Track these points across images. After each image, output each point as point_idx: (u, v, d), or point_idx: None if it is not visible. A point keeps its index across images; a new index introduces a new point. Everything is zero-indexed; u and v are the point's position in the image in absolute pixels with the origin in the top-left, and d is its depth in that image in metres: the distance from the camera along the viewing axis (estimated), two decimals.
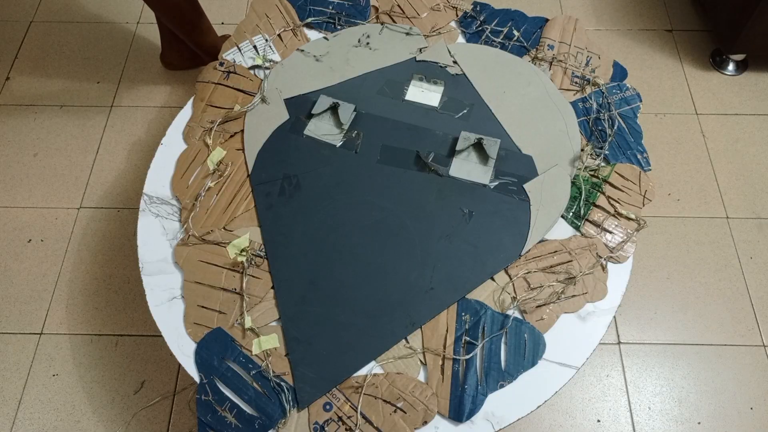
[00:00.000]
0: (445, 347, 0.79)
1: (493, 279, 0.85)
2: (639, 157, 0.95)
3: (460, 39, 1.09)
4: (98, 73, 1.53)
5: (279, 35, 1.08)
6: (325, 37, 1.08)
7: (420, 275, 0.84)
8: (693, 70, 1.53)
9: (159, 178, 0.94)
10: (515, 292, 0.83)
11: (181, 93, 1.49)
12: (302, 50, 1.06)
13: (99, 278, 1.22)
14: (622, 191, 0.92)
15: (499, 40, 1.08)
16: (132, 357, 1.13)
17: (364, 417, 0.75)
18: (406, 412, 0.75)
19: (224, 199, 0.91)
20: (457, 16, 1.11)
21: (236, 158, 0.95)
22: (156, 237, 0.89)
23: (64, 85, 1.50)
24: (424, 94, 1.02)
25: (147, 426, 1.07)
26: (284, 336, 0.81)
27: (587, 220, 0.89)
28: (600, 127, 0.98)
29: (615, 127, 0.97)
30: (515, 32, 1.09)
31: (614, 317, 0.85)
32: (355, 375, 0.78)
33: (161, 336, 0.81)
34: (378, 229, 0.88)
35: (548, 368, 0.79)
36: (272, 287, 0.84)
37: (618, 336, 1.16)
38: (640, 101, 1.01)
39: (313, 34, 1.10)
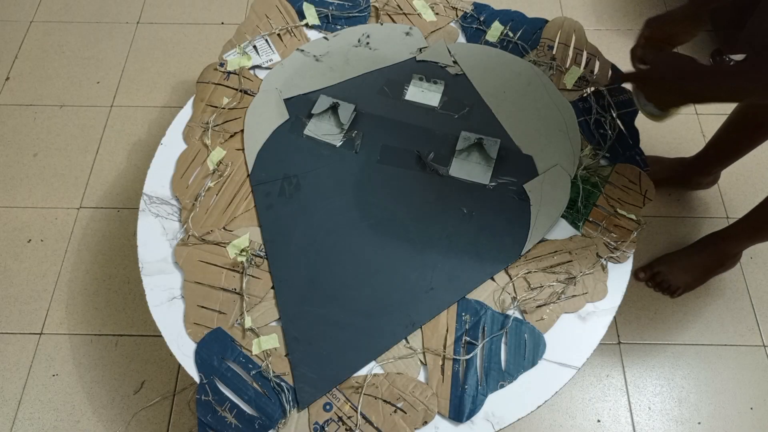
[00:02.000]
0: (445, 347, 0.79)
1: (493, 279, 0.85)
2: (638, 158, 0.95)
3: (461, 39, 1.09)
4: (98, 73, 1.52)
5: (279, 35, 1.08)
6: (325, 37, 1.08)
7: (420, 275, 0.84)
8: None
9: (159, 178, 0.94)
10: (515, 292, 0.83)
11: (181, 93, 1.49)
12: (302, 50, 1.06)
13: (99, 278, 1.22)
14: (622, 191, 0.92)
15: (498, 38, 1.08)
16: (132, 357, 1.13)
17: (364, 417, 0.75)
18: (406, 413, 0.75)
19: (224, 199, 0.91)
20: (457, 16, 1.11)
21: (236, 158, 0.95)
22: (156, 237, 0.89)
23: (64, 85, 1.50)
24: (424, 94, 1.02)
25: (147, 426, 1.07)
26: (284, 336, 0.81)
27: (587, 220, 0.89)
28: (600, 128, 0.98)
29: (615, 128, 0.97)
30: (513, 33, 1.09)
31: (614, 317, 0.85)
32: (355, 375, 0.78)
33: (161, 336, 0.81)
34: (378, 229, 0.88)
35: (548, 368, 0.79)
36: (272, 287, 0.84)
37: (618, 336, 1.16)
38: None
39: (313, 34, 1.10)
